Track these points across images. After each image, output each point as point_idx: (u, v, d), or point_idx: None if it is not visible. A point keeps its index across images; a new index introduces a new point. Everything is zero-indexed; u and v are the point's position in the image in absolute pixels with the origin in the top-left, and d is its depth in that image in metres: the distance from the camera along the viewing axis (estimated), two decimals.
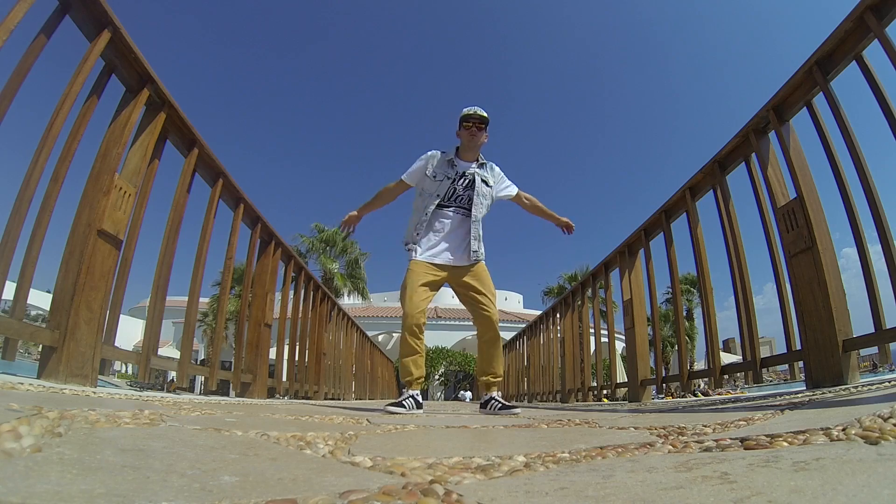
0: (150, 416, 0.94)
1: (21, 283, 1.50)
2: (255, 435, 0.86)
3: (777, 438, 0.67)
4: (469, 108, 2.44)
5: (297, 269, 4.18)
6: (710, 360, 2.65)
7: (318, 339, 4.74)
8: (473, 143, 2.43)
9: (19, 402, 0.83)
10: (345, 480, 0.53)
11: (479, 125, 2.42)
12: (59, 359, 1.55)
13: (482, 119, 2.42)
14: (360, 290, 19.45)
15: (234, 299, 11.86)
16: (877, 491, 0.40)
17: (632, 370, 3.58)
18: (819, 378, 1.80)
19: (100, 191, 1.70)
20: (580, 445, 0.80)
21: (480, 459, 0.66)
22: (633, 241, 3.63)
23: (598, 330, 4.48)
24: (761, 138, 2.20)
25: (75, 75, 1.61)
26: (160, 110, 2.04)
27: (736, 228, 2.45)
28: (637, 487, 0.46)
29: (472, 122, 2.41)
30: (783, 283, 2.08)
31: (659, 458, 0.64)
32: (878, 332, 1.65)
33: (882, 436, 0.58)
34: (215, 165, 2.60)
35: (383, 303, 25.20)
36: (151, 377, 3.70)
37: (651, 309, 3.54)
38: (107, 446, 0.62)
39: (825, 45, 1.77)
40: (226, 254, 2.87)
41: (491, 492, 0.48)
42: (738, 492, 0.42)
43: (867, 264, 1.71)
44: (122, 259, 1.88)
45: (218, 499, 0.42)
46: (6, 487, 0.39)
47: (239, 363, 3.18)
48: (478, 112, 2.41)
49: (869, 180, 1.67)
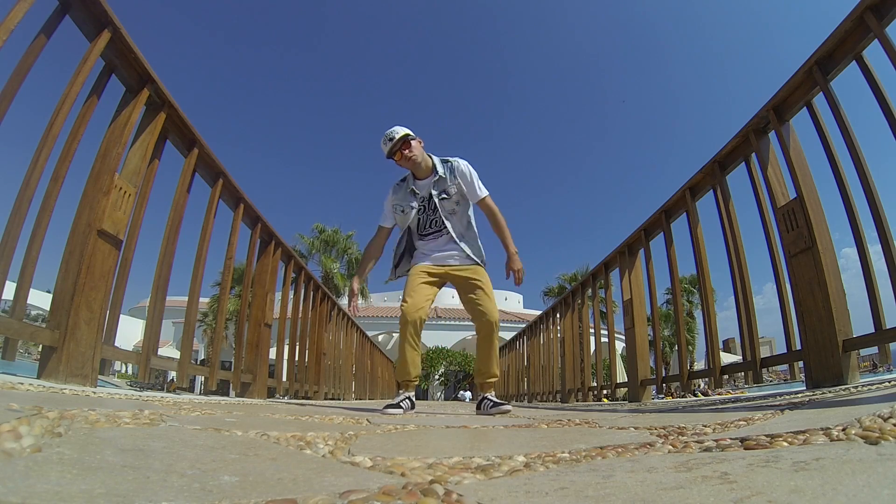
0: (150, 416, 0.94)
1: (21, 283, 1.50)
2: (255, 435, 0.86)
3: (777, 438, 0.67)
4: (383, 142, 2.33)
5: (297, 269, 4.18)
6: (710, 360, 2.65)
7: (318, 339, 4.74)
8: (415, 161, 2.32)
9: (19, 402, 0.83)
10: (345, 480, 0.53)
11: (404, 147, 2.31)
12: (59, 359, 1.55)
13: (402, 140, 2.30)
14: (360, 290, 19.44)
15: (234, 299, 11.87)
16: (877, 491, 0.40)
17: (632, 370, 3.58)
18: (819, 378, 1.80)
19: (100, 191, 1.70)
20: (580, 445, 0.80)
21: (480, 459, 0.66)
22: (633, 241, 3.63)
23: (598, 330, 4.48)
24: (761, 138, 2.20)
25: (75, 75, 1.61)
26: (160, 110, 2.04)
27: (736, 228, 2.45)
28: (637, 487, 0.46)
29: (397, 151, 2.31)
30: (783, 283, 2.08)
31: (659, 458, 0.64)
32: (878, 332, 1.65)
33: (882, 436, 0.58)
34: (215, 165, 2.60)
35: (383, 303, 25.21)
36: (151, 377, 3.70)
37: (651, 309, 3.54)
38: (107, 446, 0.62)
39: (825, 45, 1.77)
40: (226, 254, 2.88)
41: (491, 492, 0.48)
42: (738, 492, 0.42)
43: (867, 264, 1.71)
44: (122, 259, 1.88)
45: (218, 499, 0.42)
46: (6, 487, 0.39)
47: (239, 363, 3.18)
48: (393, 137, 2.29)
49: (869, 180, 1.67)
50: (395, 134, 2.31)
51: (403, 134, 2.32)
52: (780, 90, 2.00)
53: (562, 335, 5.28)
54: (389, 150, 2.33)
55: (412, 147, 2.32)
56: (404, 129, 2.34)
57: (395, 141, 2.31)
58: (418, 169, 2.36)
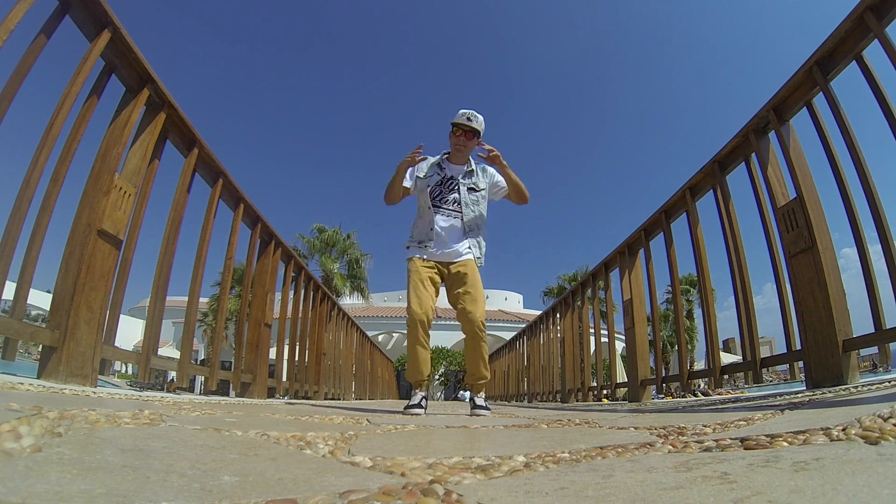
0: (150, 416, 0.94)
1: (21, 283, 1.50)
2: (255, 435, 0.86)
3: (777, 438, 0.67)
4: (463, 111, 2.36)
5: (297, 269, 4.18)
6: (710, 360, 2.65)
7: (318, 339, 4.74)
8: (460, 151, 2.41)
9: (19, 402, 0.83)
10: (345, 480, 0.53)
11: (469, 135, 2.36)
12: (59, 359, 1.55)
13: (472, 130, 2.35)
14: (360, 289, 19.47)
15: (234, 299, 11.86)
16: (877, 491, 0.40)
17: (632, 370, 3.58)
18: (819, 378, 1.80)
19: (100, 191, 1.70)
20: (580, 445, 0.80)
21: (480, 459, 0.66)
22: (633, 241, 3.63)
23: (598, 330, 4.48)
24: (761, 138, 2.20)
25: (75, 75, 1.61)
26: (160, 110, 2.04)
27: (736, 228, 2.45)
28: (637, 487, 0.46)
29: (462, 131, 2.37)
30: (783, 283, 2.08)
31: (659, 458, 0.64)
32: (878, 332, 1.65)
33: (882, 436, 0.58)
34: (215, 165, 2.60)
35: (383, 303, 25.22)
36: (151, 377, 3.70)
37: (651, 309, 3.54)
38: (107, 446, 0.62)
39: (825, 45, 1.77)
40: (226, 254, 2.88)
41: (491, 492, 0.48)
42: (738, 492, 0.42)
43: (867, 264, 1.71)
44: (122, 259, 1.88)
45: (218, 499, 0.42)
46: (6, 487, 0.39)
47: (239, 363, 3.18)
48: (469, 122, 2.34)
49: (869, 180, 1.67)
50: (476, 120, 2.36)
51: (480, 126, 2.37)
52: (780, 90, 2.00)
53: (562, 335, 5.29)
54: (462, 121, 2.34)
55: (471, 141, 2.38)
56: (482, 125, 2.39)
57: (467, 126, 2.34)
58: (460, 156, 2.44)
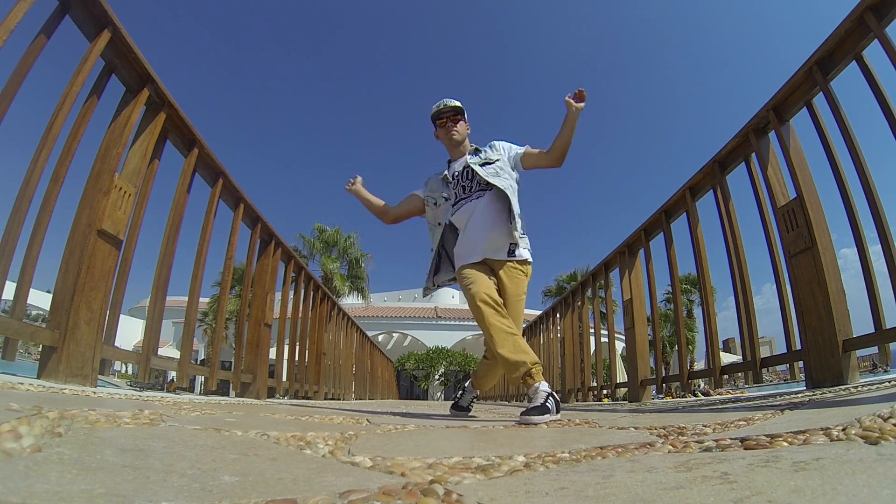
0: (150, 416, 0.94)
1: (21, 283, 1.50)
2: (255, 435, 0.86)
3: (777, 438, 0.67)
4: (437, 103, 2.12)
5: (297, 269, 4.18)
6: (710, 360, 2.65)
7: (318, 339, 4.74)
8: (454, 139, 2.09)
9: (19, 402, 0.83)
10: (345, 480, 0.53)
11: (454, 117, 2.10)
12: (59, 359, 1.55)
13: (454, 109, 2.09)
14: (360, 290, 19.47)
15: (234, 299, 11.86)
16: (877, 491, 0.40)
17: (632, 370, 3.58)
18: (819, 378, 1.80)
19: (100, 191, 1.70)
20: (580, 445, 0.80)
21: (480, 459, 0.66)
22: (633, 241, 3.63)
23: (598, 330, 4.48)
24: (761, 138, 2.20)
25: (75, 75, 1.61)
26: (160, 110, 2.04)
27: (736, 228, 2.45)
28: (637, 487, 0.46)
29: (446, 117, 2.09)
30: (783, 283, 2.08)
31: (659, 458, 0.64)
32: (878, 332, 1.65)
33: (882, 436, 0.58)
34: (215, 165, 2.60)
35: (383, 303, 25.22)
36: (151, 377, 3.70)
37: (651, 309, 3.54)
38: (107, 446, 0.62)
39: (825, 45, 1.77)
40: (226, 254, 2.88)
41: (491, 492, 0.48)
42: (738, 492, 0.42)
43: (867, 264, 1.71)
44: (122, 259, 1.88)
45: (218, 499, 0.42)
46: (6, 487, 0.39)
47: (239, 363, 3.18)
48: (446, 104, 2.09)
49: (869, 180, 1.67)
50: (452, 102, 2.11)
51: (457, 104, 2.10)
52: (780, 90, 2.00)
53: (562, 335, 5.28)
54: (438, 111, 2.10)
55: (458, 124, 2.11)
56: (458, 102, 2.12)
57: (449, 107, 2.09)
58: (455, 148, 2.13)
